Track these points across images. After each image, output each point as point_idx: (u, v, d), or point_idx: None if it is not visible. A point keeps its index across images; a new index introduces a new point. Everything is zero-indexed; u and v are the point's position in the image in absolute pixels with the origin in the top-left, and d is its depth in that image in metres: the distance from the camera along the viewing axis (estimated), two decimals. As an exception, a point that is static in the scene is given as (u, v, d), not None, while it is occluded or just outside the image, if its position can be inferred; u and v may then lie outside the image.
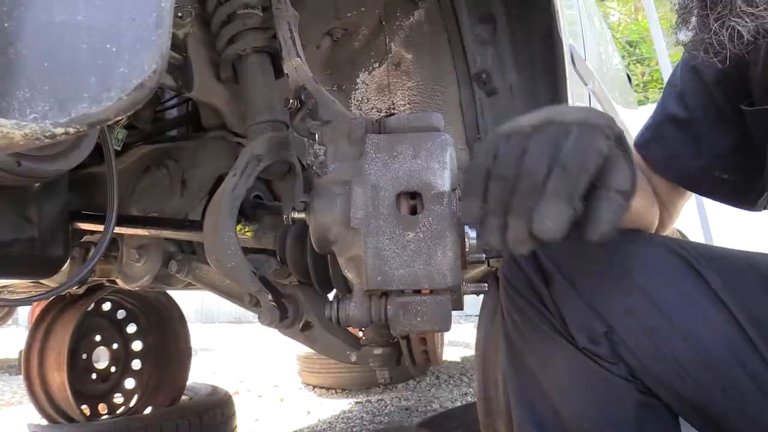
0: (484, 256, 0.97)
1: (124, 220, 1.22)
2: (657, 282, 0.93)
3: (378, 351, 0.93)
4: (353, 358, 0.95)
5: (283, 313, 0.98)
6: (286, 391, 4.18)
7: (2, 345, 8.12)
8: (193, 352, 2.93)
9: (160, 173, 1.36)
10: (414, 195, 0.75)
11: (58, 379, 2.40)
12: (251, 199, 1.33)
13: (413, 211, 0.74)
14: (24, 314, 10.46)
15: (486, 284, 0.90)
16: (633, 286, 0.93)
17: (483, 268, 1.75)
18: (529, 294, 0.97)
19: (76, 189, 1.35)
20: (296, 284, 1.02)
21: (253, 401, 3.93)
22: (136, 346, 2.81)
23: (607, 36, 3.20)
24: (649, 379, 0.91)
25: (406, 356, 0.89)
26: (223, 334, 9.09)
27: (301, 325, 0.99)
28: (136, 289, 1.26)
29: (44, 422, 2.47)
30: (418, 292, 0.75)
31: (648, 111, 1.22)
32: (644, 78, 14.06)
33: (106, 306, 2.77)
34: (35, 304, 3.51)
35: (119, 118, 0.46)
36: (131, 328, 2.81)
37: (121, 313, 2.80)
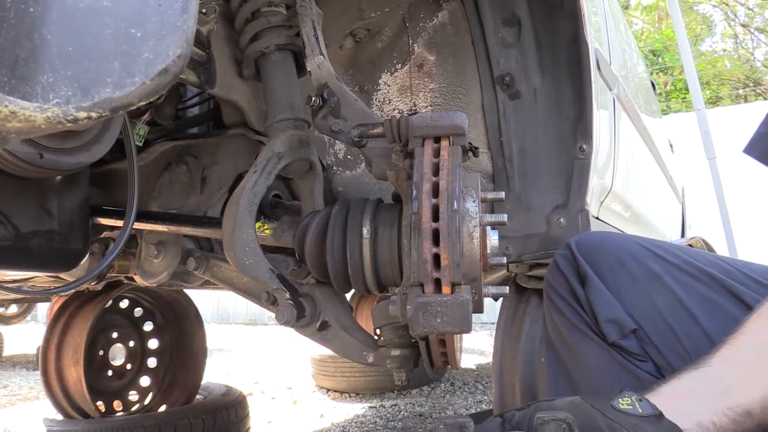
0: (505, 259, 0.96)
1: (143, 216, 1.21)
2: (686, 287, 0.96)
3: (396, 352, 0.92)
4: (370, 359, 0.94)
5: (301, 312, 0.97)
6: (300, 393, 4.17)
7: (21, 341, 8.22)
8: (208, 353, 2.94)
9: (180, 170, 1.36)
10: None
11: (75, 374, 2.41)
12: (271, 198, 1.33)
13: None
14: (43, 311, 10.58)
15: (507, 286, 0.88)
16: (662, 287, 0.96)
17: (502, 273, 1.73)
18: (568, 295, 1.01)
19: (97, 185, 1.35)
20: (314, 283, 1.01)
21: (266, 403, 3.92)
22: (153, 344, 2.82)
23: (632, 43, 3.16)
24: None
25: (424, 358, 0.88)
26: (238, 335, 9.12)
27: (318, 324, 0.98)
28: (154, 285, 1.26)
29: (60, 417, 2.48)
30: (439, 290, 0.74)
31: (671, 120, 1.20)
32: (667, 88, 13.93)
33: (124, 304, 2.78)
34: (54, 300, 3.54)
35: (142, 103, 0.45)
36: (148, 326, 2.82)
37: (138, 311, 2.81)
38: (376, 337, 1.00)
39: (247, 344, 7.82)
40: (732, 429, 0.71)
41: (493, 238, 0.89)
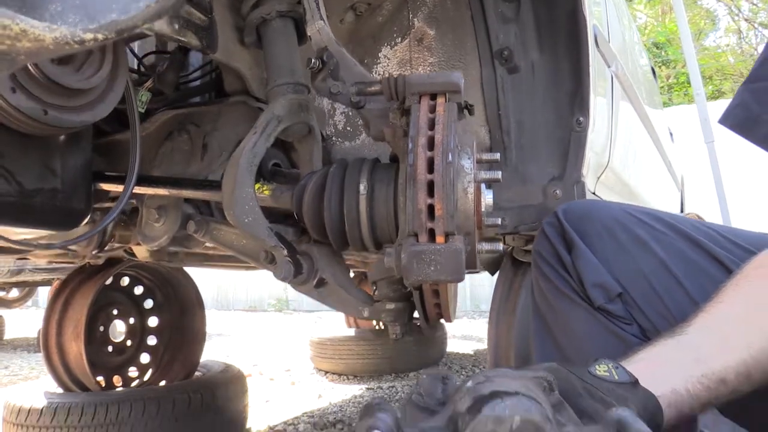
0: (499, 220, 0.98)
1: (144, 180, 1.23)
2: (671, 251, 0.98)
3: (390, 306, 0.94)
4: (366, 314, 0.96)
5: (298, 269, 0.99)
6: (298, 375, 4.20)
7: (22, 325, 8.27)
8: (207, 337, 2.97)
9: (182, 138, 1.38)
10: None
11: (75, 348, 2.44)
12: (270, 166, 1.35)
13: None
14: (44, 296, 10.62)
15: (500, 243, 0.90)
16: (648, 252, 0.98)
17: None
18: (555, 262, 1.02)
19: (100, 155, 1.37)
20: (312, 243, 1.03)
21: (265, 384, 3.95)
22: (152, 322, 2.85)
23: (635, 36, 3.17)
24: None
25: (418, 310, 0.90)
26: (237, 320, 9.16)
27: (315, 281, 1.00)
28: (155, 248, 1.28)
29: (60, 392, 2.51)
30: (433, 240, 0.76)
31: (672, 113, 1.22)
32: (669, 81, 13.91)
33: (124, 281, 2.80)
34: (56, 284, 3.56)
35: (146, 26, 0.47)
36: (148, 304, 2.85)
37: (138, 289, 2.84)
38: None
39: (246, 329, 7.86)
40: (706, 396, 0.73)
41: (487, 197, 0.91)
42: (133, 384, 2.73)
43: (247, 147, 1.02)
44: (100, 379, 2.55)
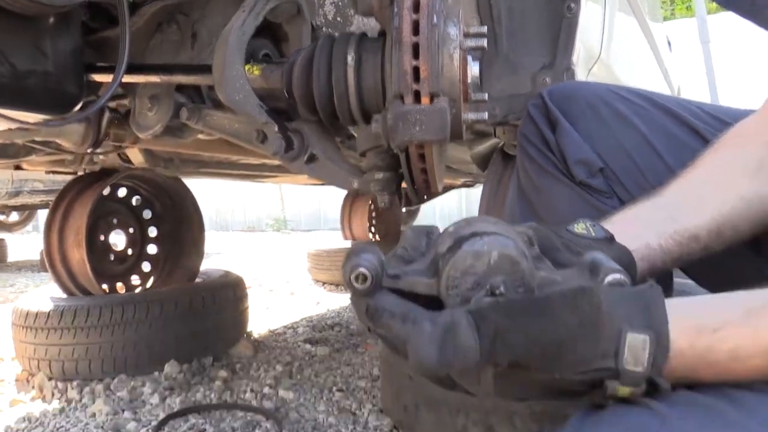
0: (486, 95, 1.00)
1: (135, 69, 1.24)
2: (652, 126, 0.99)
3: (379, 175, 0.97)
4: (356, 185, 0.99)
5: (289, 145, 1.01)
6: (297, 286, 4.32)
7: (24, 249, 8.38)
8: (207, 256, 3.03)
9: (171, 29, 1.37)
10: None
11: (78, 255, 2.50)
12: (260, 56, 1.35)
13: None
14: (44, 221, 10.74)
15: (485, 112, 0.92)
16: (630, 127, 1.00)
17: (492, 142, 1.77)
18: (539, 141, 1.04)
19: (91, 50, 1.37)
20: (302, 121, 1.05)
21: (265, 294, 4.07)
22: (152, 232, 2.91)
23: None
24: None
25: (405, 178, 0.93)
26: (236, 240, 9.29)
27: (306, 157, 1.03)
28: (149, 137, 1.29)
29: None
30: (418, 101, 0.78)
31: (673, 26, 1.20)
32: (672, -5, 13.54)
33: (122, 192, 2.84)
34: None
35: None
36: (147, 214, 2.89)
37: (136, 200, 2.88)
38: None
39: (245, 248, 7.99)
40: (678, 251, 0.77)
41: (473, 67, 0.92)
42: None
43: (236, 25, 1.03)
44: (104, 287, 2.62)
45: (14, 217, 7.89)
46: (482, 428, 1.44)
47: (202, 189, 3.81)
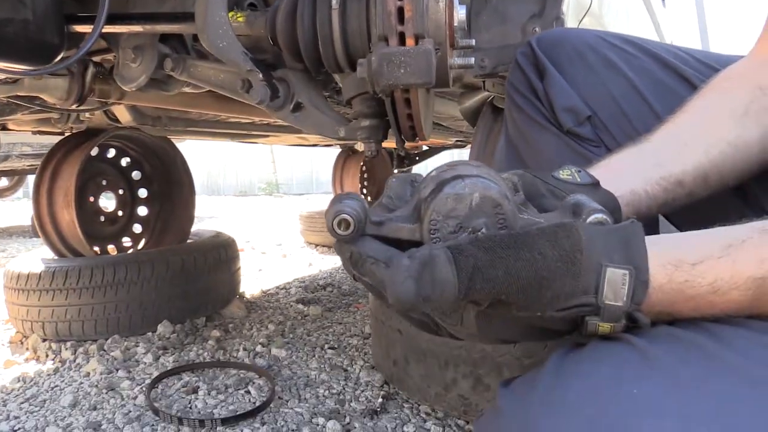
0: (473, 41, 0.98)
1: (117, 18, 1.21)
2: (640, 72, 0.98)
3: (365, 123, 0.96)
4: (342, 133, 0.98)
5: (275, 93, 1.00)
6: (289, 249, 4.32)
7: (15, 215, 8.34)
8: (199, 220, 3.02)
9: (154, -21, 1.34)
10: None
11: (68, 216, 2.48)
12: (246, 6, 1.32)
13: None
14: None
15: (472, 58, 0.91)
16: (618, 74, 0.99)
17: (482, 96, 1.76)
18: (527, 90, 1.02)
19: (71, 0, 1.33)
20: (287, 69, 1.03)
21: (257, 257, 4.07)
22: (142, 193, 2.89)
23: None
24: None
25: (392, 124, 0.92)
26: (228, 204, 9.27)
27: (291, 106, 1.02)
28: (133, 88, 1.27)
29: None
30: (403, 43, 0.77)
31: None
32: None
33: (111, 153, 2.81)
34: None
35: None
36: (136, 176, 2.87)
37: (125, 161, 2.86)
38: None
39: (237, 212, 7.98)
40: (663, 197, 0.76)
41: (460, 12, 0.90)
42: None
43: (218, -30, 1.00)
44: (95, 249, 2.62)
45: (4, 182, 7.84)
46: (471, 380, 1.46)
47: (193, 153, 3.79)
